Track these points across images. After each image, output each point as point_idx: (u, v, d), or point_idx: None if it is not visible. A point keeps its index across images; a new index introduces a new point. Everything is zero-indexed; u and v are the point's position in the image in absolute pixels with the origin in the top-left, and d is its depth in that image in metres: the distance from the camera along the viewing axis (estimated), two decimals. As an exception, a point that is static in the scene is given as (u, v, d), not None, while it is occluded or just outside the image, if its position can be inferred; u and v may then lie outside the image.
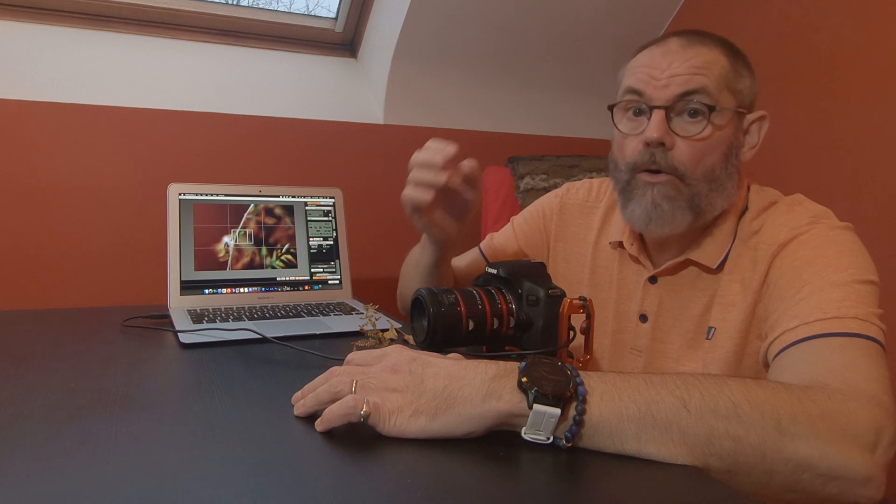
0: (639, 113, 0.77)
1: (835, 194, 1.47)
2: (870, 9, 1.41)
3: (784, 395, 0.52)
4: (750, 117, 0.78)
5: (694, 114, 0.74)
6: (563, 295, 0.70)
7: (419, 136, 1.76)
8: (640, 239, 0.86)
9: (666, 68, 0.74)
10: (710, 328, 0.77)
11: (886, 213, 1.38)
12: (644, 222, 0.77)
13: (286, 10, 1.76)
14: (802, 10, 1.56)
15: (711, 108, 0.73)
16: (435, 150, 0.77)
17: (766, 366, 0.68)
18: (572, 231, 0.96)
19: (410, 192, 0.78)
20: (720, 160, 0.75)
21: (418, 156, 0.78)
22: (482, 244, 1.05)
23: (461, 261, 1.04)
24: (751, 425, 0.49)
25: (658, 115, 0.74)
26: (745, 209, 0.80)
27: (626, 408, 0.49)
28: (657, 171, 0.75)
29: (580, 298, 0.70)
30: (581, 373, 0.51)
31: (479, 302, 0.70)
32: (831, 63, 1.49)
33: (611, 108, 0.81)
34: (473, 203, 0.81)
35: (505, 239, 1.02)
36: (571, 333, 0.70)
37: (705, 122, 0.73)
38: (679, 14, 1.88)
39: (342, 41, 1.81)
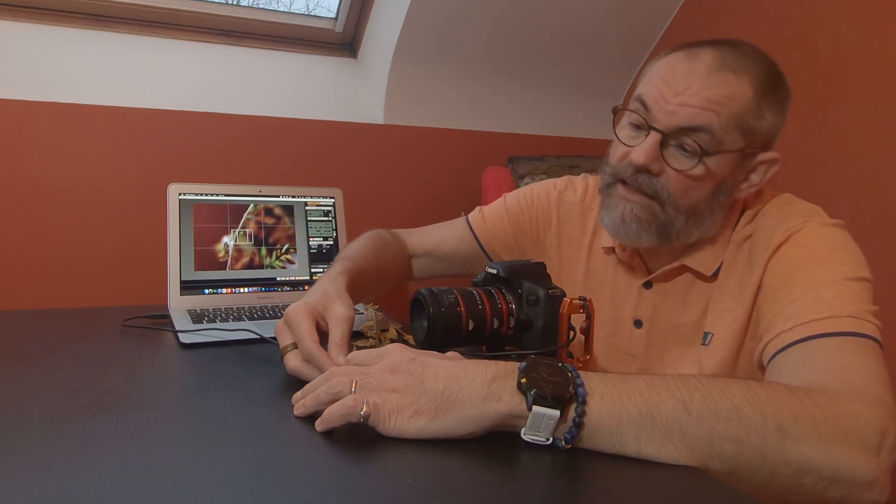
0: (639, 126, 0.74)
1: (835, 194, 1.47)
2: (870, 9, 1.41)
3: (786, 398, 0.52)
4: (761, 157, 0.74)
5: (689, 149, 0.71)
6: (563, 295, 0.70)
7: (419, 136, 1.78)
8: None
9: (681, 91, 0.70)
10: (707, 334, 0.77)
11: (886, 213, 1.38)
12: (612, 232, 0.78)
13: (286, 10, 1.76)
14: (802, 10, 1.55)
15: (706, 152, 0.70)
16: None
17: (761, 367, 0.68)
18: (567, 231, 0.94)
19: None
20: (706, 196, 0.73)
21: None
22: (471, 217, 1.01)
23: (446, 239, 1.00)
24: (752, 428, 0.49)
25: (652, 139, 0.71)
26: (741, 215, 0.78)
27: (627, 410, 0.49)
28: (636, 190, 0.74)
29: (580, 298, 0.70)
30: (581, 374, 0.51)
31: (478, 302, 0.70)
32: (831, 63, 1.49)
33: (615, 110, 0.78)
34: None
35: (497, 218, 0.98)
36: (571, 333, 0.70)
37: (697, 161, 0.70)
38: (679, 14, 1.88)
39: (342, 41, 1.81)
